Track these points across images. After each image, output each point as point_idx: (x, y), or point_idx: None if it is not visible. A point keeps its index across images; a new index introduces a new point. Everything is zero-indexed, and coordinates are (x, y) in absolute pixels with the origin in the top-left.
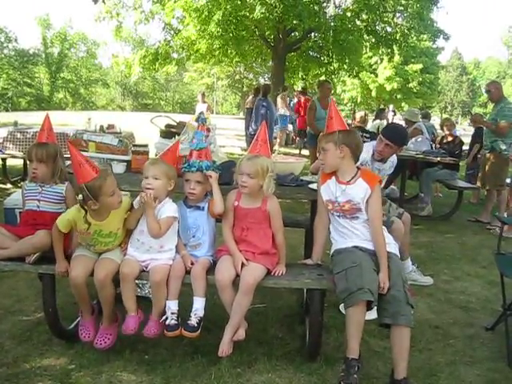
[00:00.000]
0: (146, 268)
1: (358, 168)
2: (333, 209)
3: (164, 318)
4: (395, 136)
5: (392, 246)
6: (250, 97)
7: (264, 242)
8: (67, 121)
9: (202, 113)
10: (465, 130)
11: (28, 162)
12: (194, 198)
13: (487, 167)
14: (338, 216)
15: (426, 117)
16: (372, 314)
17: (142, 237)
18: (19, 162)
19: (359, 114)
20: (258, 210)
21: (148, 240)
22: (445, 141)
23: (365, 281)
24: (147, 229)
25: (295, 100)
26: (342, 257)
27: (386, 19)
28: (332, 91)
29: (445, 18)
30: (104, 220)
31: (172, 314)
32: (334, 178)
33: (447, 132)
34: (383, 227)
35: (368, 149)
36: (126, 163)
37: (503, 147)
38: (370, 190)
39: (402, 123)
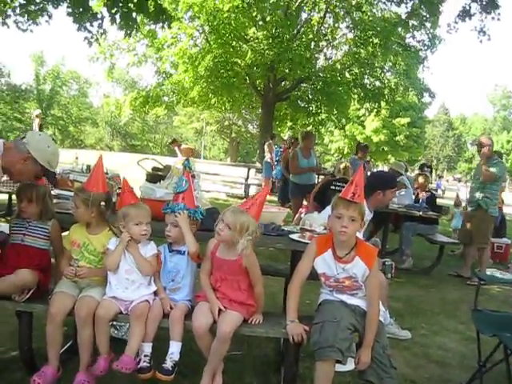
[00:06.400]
0: (129, 308)
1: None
2: (328, 284)
3: (137, 360)
4: (377, 182)
5: (380, 314)
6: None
7: (238, 295)
8: None
9: (187, 159)
10: (447, 182)
11: (16, 200)
12: (171, 240)
13: (473, 225)
14: (331, 291)
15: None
16: (347, 366)
17: (132, 275)
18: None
19: (342, 165)
20: (233, 262)
21: (138, 277)
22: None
23: (337, 339)
24: (140, 268)
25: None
26: (326, 308)
27: (374, 74)
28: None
29: (432, 75)
30: (95, 235)
31: (145, 356)
32: (330, 250)
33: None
34: None
35: None
36: None
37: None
38: (369, 270)
39: None
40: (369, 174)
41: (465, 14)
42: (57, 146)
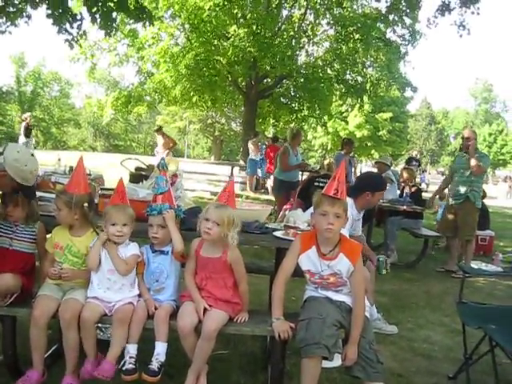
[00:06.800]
0: (112, 310)
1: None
2: (313, 281)
3: (122, 362)
4: (367, 183)
5: (366, 309)
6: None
7: (223, 293)
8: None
9: (163, 158)
10: (430, 174)
11: (1, 205)
12: (158, 241)
13: (459, 218)
14: (316, 288)
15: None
16: (334, 363)
17: (114, 276)
18: None
19: (326, 162)
20: (218, 260)
21: (120, 278)
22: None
23: (323, 336)
24: (116, 267)
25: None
26: (311, 305)
27: (356, 69)
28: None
29: (413, 69)
30: (78, 237)
31: (130, 357)
32: (314, 247)
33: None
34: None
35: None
36: None
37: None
38: (353, 266)
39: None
40: (354, 169)
41: (444, 8)
42: (35, 161)
